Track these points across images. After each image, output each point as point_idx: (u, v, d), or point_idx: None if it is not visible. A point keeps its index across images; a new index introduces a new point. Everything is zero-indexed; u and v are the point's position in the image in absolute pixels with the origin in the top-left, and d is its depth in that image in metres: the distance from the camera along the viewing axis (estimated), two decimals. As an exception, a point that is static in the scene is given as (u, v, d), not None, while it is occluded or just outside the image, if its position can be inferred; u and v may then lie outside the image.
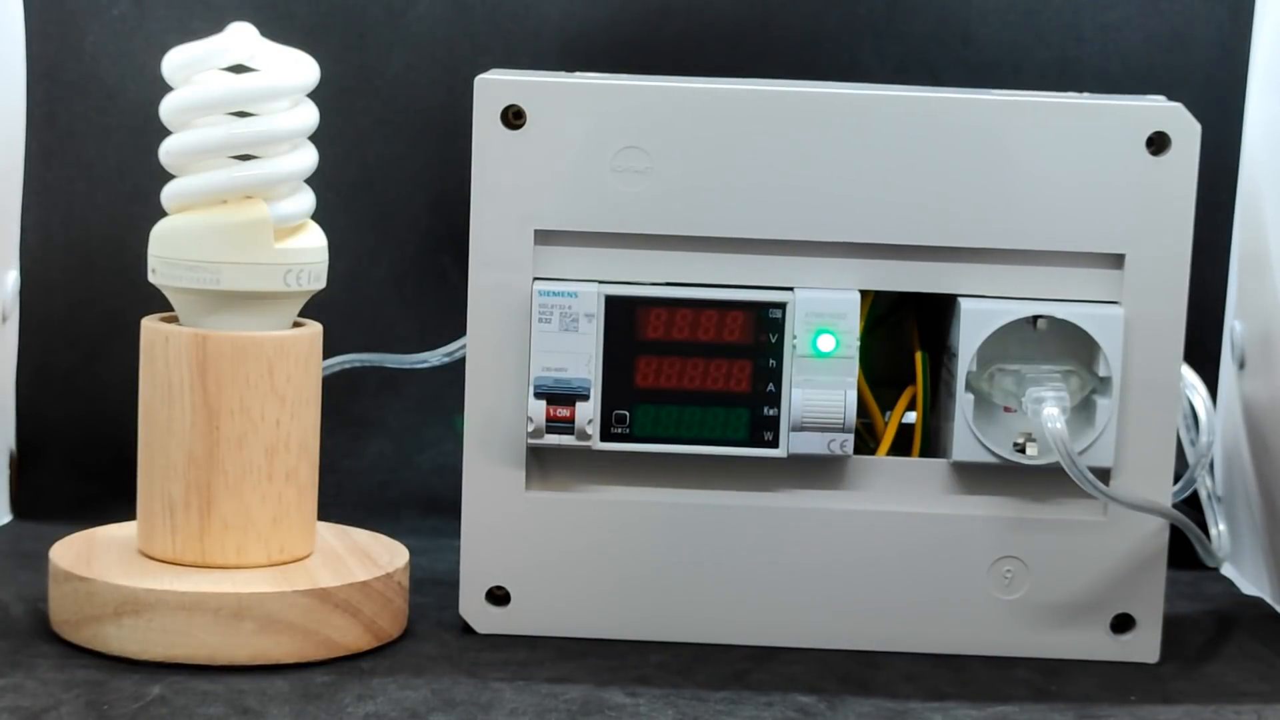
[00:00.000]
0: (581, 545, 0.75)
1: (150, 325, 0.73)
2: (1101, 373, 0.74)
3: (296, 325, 0.75)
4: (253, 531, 0.73)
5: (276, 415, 0.72)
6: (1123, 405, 0.74)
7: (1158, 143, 0.73)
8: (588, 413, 0.74)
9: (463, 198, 0.75)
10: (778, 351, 0.74)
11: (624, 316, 0.74)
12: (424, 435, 0.96)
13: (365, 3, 0.94)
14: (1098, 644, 0.76)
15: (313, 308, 0.76)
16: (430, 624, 0.77)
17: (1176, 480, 0.79)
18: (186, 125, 0.73)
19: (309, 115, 0.74)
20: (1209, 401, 0.83)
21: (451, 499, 0.79)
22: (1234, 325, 0.92)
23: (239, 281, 0.72)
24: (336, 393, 0.84)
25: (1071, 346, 0.74)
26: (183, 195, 0.73)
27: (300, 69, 0.74)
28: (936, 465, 0.76)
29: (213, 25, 0.76)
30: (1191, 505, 0.88)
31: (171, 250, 0.73)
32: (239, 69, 0.74)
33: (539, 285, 0.74)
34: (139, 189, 0.90)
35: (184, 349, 0.72)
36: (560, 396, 0.73)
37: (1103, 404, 0.74)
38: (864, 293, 0.74)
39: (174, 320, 0.74)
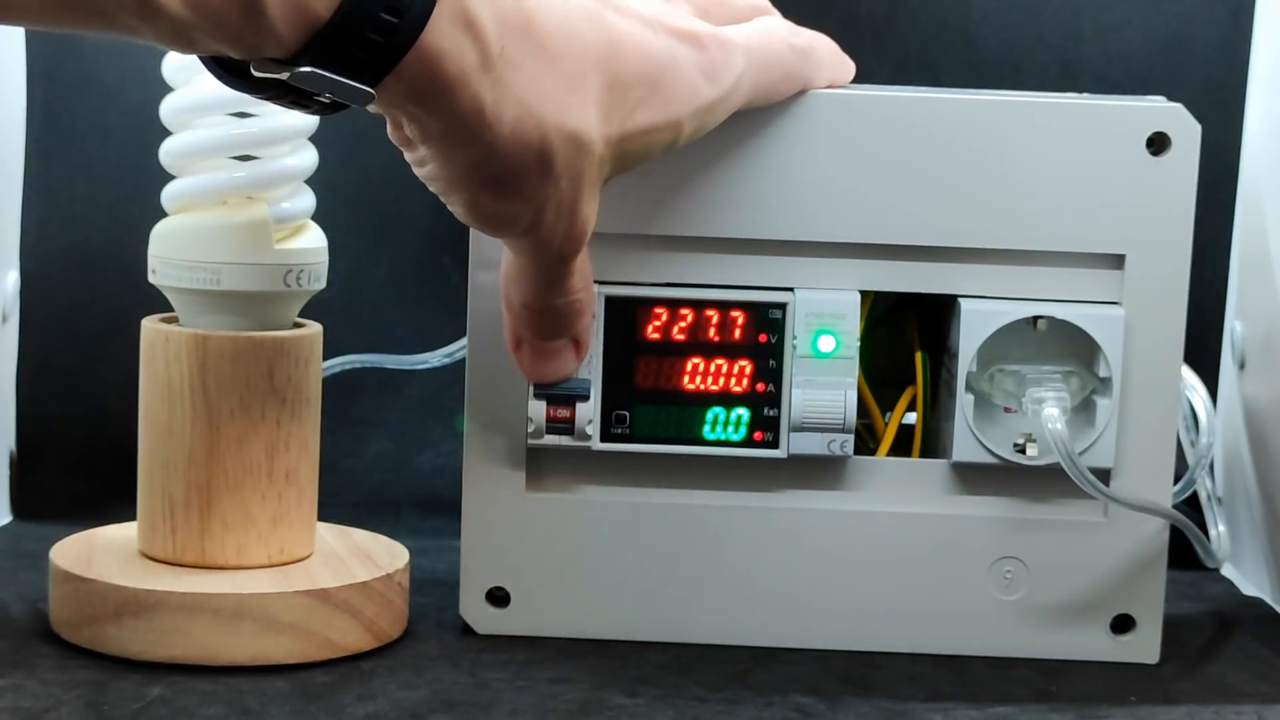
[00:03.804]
0: (581, 546, 0.75)
1: (150, 325, 0.73)
2: (1102, 373, 0.74)
3: (297, 325, 0.75)
4: (253, 532, 0.73)
5: (276, 415, 0.72)
6: (1123, 406, 0.74)
7: (1158, 143, 0.73)
8: (588, 413, 0.73)
9: (463, 198, 0.75)
10: (778, 352, 0.74)
11: (624, 316, 0.74)
12: (424, 436, 0.96)
13: (365, 3, 0.94)
14: (1098, 644, 0.76)
15: (313, 308, 0.76)
16: (430, 624, 0.77)
17: (1176, 481, 0.79)
18: (187, 126, 0.73)
19: (309, 116, 0.74)
20: (1209, 402, 0.83)
21: (452, 499, 0.79)
22: (1234, 326, 0.92)
23: (239, 282, 0.72)
24: (337, 393, 0.84)
25: (1072, 347, 0.74)
26: (183, 196, 0.73)
27: (300, 69, 0.73)
28: (936, 465, 0.76)
29: (213, 25, 0.76)
30: (1191, 506, 0.88)
31: (171, 250, 0.73)
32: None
33: (539, 285, 0.74)
34: (139, 189, 0.90)
35: (184, 349, 0.72)
36: (560, 397, 0.73)
37: (1103, 404, 0.74)
38: (864, 293, 0.74)
39: (174, 320, 0.74)
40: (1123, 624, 0.76)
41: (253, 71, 0.59)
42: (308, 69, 0.58)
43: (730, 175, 0.73)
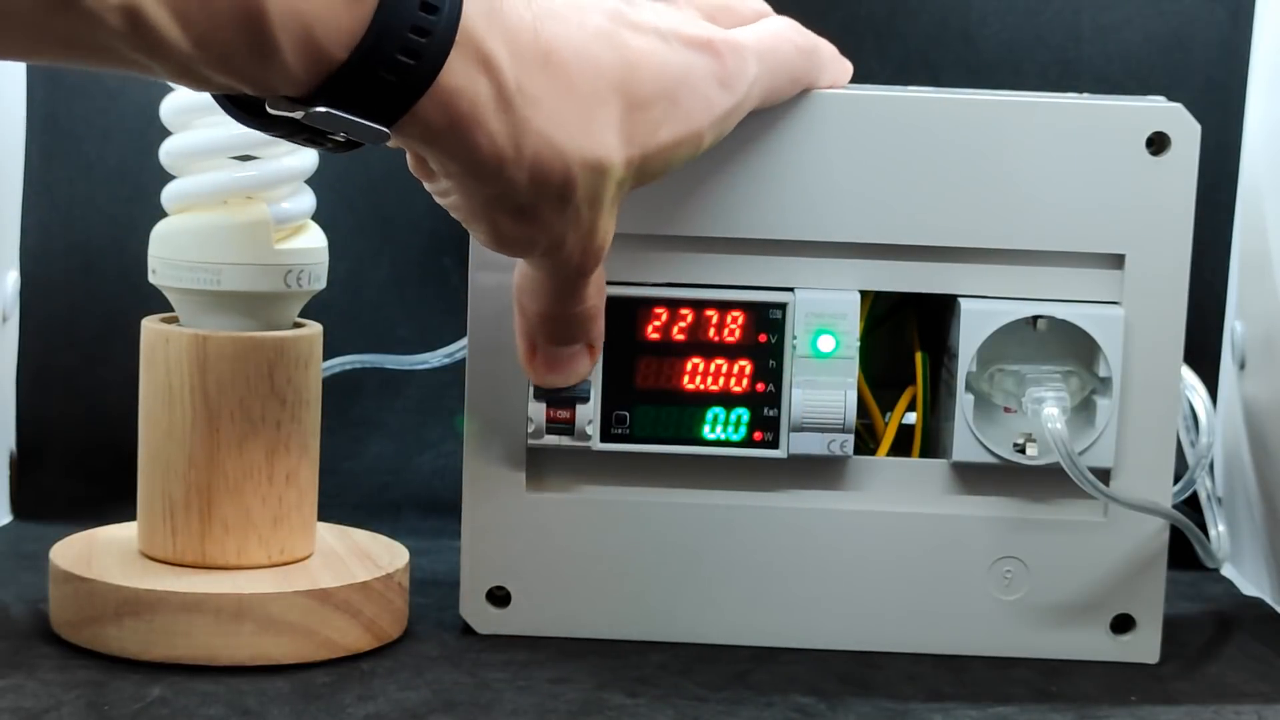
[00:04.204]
0: (581, 546, 0.75)
1: (150, 326, 0.73)
2: (1101, 373, 0.74)
3: (297, 326, 0.75)
4: (253, 533, 0.73)
5: (277, 417, 0.72)
6: (1123, 406, 0.74)
7: (1158, 143, 0.73)
8: (588, 414, 0.73)
9: (463, 198, 0.75)
10: (778, 352, 0.74)
11: (624, 317, 0.74)
12: (424, 436, 0.96)
13: (365, 3, 0.94)
14: (1098, 644, 0.76)
15: (313, 308, 0.76)
16: (430, 624, 0.77)
17: (1176, 481, 0.79)
18: (187, 126, 0.73)
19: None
20: (1209, 402, 0.83)
21: (452, 500, 0.79)
22: (1234, 326, 0.92)
23: (239, 282, 0.72)
24: (337, 394, 0.84)
25: (1071, 347, 0.74)
26: (183, 196, 0.73)
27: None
28: (936, 465, 0.76)
29: (213, 26, 0.76)
30: (1191, 506, 0.88)
31: (172, 251, 0.73)
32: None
33: (539, 286, 0.74)
34: (139, 189, 0.90)
35: (184, 350, 0.72)
36: (560, 398, 0.73)
37: (1103, 404, 0.74)
38: (864, 293, 0.74)
39: (174, 321, 0.74)
40: (1123, 624, 0.76)
41: (267, 109, 0.59)
42: (322, 109, 0.58)
43: (730, 175, 0.73)
